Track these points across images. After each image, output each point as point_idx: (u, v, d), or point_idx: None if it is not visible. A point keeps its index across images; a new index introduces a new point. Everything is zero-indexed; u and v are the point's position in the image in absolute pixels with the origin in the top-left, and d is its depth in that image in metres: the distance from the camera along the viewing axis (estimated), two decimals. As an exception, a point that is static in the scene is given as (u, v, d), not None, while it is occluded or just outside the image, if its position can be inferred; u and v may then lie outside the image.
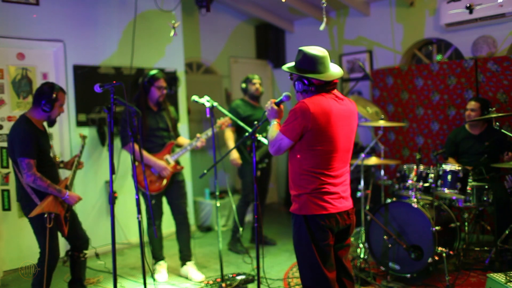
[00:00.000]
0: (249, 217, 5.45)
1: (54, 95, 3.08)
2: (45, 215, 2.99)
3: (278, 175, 6.95)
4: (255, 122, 3.14)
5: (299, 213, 2.33)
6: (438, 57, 5.35)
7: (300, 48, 2.38)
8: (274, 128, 2.43)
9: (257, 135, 3.17)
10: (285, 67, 2.44)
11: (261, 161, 4.54)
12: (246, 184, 4.61)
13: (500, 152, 3.96)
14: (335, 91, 2.38)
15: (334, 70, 2.39)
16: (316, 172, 2.29)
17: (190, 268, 3.90)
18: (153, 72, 3.81)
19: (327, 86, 2.34)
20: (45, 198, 3.02)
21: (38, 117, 3.10)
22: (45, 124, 3.21)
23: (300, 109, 2.24)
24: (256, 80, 4.64)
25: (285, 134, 2.29)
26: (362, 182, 4.02)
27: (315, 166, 2.29)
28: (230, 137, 4.48)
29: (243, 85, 4.68)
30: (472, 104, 4.02)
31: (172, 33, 3.63)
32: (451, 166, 3.68)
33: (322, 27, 3.61)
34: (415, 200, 3.57)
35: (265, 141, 3.60)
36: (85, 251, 3.39)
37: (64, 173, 4.20)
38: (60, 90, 3.16)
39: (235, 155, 4.47)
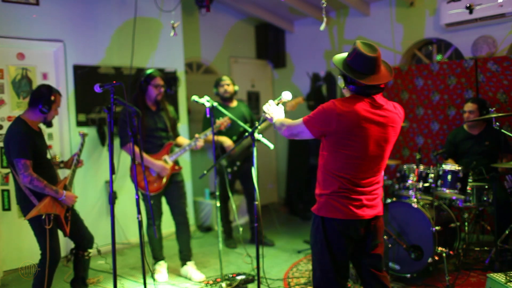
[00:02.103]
0: (247, 218, 5.46)
1: (52, 97, 3.09)
2: (43, 217, 2.98)
3: (278, 175, 6.95)
4: (256, 122, 3.14)
5: (318, 214, 2.29)
6: (438, 57, 5.35)
7: (357, 41, 2.23)
8: (287, 120, 2.45)
9: (256, 135, 3.16)
10: (336, 58, 2.30)
11: (232, 163, 4.55)
12: (219, 186, 4.64)
13: (499, 151, 3.97)
14: (378, 96, 2.23)
15: (382, 74, 2.21)
16: (339, 175, 2.22)
17: (190, 268, 3.90)
18: (150, 71, 3.81)
19: (367, 89, 2.19)
20: (42, 200, 3.01)
21: (33, 118, 3.10)
22: (40, 125, 3.21)
23: (327, 108, 2.17)
24: (223, 81, 4.65)
25: (307, 125, 2.25)
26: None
27: (338, 169, 2.22)
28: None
29: (215, 89, 4.71)
30: (469, 106, 4.02)
31: (172, 33, 3.64)
32: (451, 166, 3.68)
33: (322, 27, 3.61)
34: (415, 200, 3.57)
35: (265, 141, 3.60)
36: (90, 250, 3.40)
37: (63, 173, 4.20)
38: (57, 92, 3.18)
39: (228, 142, 4.45)
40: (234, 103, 4.72)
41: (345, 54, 2.29)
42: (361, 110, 2.16)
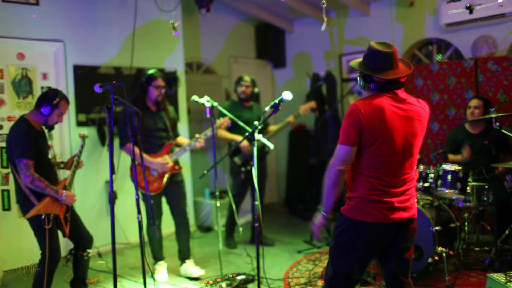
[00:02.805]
0: (248, 217, 5.46)
1: (56, 101, 3.08)
2: (43, 217, 2.98)
3: (278, 175, 6.95)
4: (255, 122, 3.14)
5: (347, 215, 2.21)
6: (438, 57, 5.35)
7: (370, 42, 2.24)
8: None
9: (257, 135, 3.16)
10: (353, 62, 2.28)
11: (246, 163, 4.56)
12: (234, 185, 4.69)
13: (499, 151, 3.97)
14: (400, 91, 2.21)
15: (400, 69, 2.20)
16: (368, 176, 2.17)
17: (189, 265, 3.91)
18: (151, 71, 3.80)
19: (388, 85, 2.18)
20: (42, 199, 3.01)
21: (36, 119, 3.10)
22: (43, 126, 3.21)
23: (351, 111, 2.14)
24: (244, 82, 4.63)
25: (344, 143, 2.13)
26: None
27: (367, 168, 2.17)
28: (225, 133, 4.49)
29: (234, 86, 4.73)
30: (475, 102, 4.01)
31: (174, 32, 3.63)
32: (451, 166, 3.68)
33: (323, 27, 3.61)
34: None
35: (265, 141, 3.60)
36: (89, 250, 3.40)
37: (64, 174, 4.21)
38: (64, 98, 3.15)
39: (243, 142, 4.43)
40: (250, 103, 4.72)
41: (361, 58, 2.29)
42: (384, 105, 2.13)
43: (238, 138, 4.42)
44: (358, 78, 2.25)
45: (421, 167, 3.75)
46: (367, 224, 2.17)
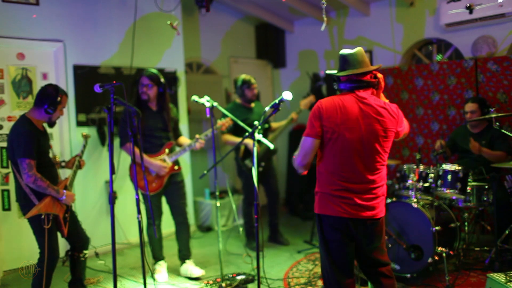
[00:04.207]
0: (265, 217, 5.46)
1: (59, 98, 3.08)
2: (42, 216, 2.98)
3: (278, 175, 6.94)
4: (255, 122, 3.13)
5: (315, 211, 2.37)
6: (438, 57, 5.35)
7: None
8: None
9: (257, 135, 3.16)
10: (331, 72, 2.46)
11: (257, 164, 4.55)
12: (246, 186, 4.65)
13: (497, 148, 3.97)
14: (362, 91, 2.32)
15: (362, 67, 2.35)
16: (330, 172, 2.29)
17: (189, 265, 3.91)
18: (147, 70, 3.82)
19: (351, 84, 2.32)
20: (43, 199, 3.01)
21: (38, 117, 3.10)
22: (45, 124, 3.21)
23: (314, 108, 2.31)
24: (253, 84, 4.60)
25: (306, 135, 2.30)
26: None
27: (330, 165, 2.29)
28: (231, 138, 4.47)
29: (240, 89, 4.58)
30: (470, 106, 4.02)
31: (176, 32, 3.62)
32: (451, 166, 3.68)
33: (322, 27, 3.62)
34: (415, 200, 3.57)
35: (265, 141, 3.60)
36: (85, 251, 3.39)
37: (64, 174, 4.20)
38: (64, 93, 3.17)
39: (252, 143, 4.41)
40: (252, 104, 4.70)
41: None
42: (345, 103, 2.26)
43: (247, 141, 4.35)
44: (334, 82, 2.42)
45: (421, 167, 3.75)
46: (330, 217, 2.29)
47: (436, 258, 3.42)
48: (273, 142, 4.40)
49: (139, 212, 2.68)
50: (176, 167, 3.88)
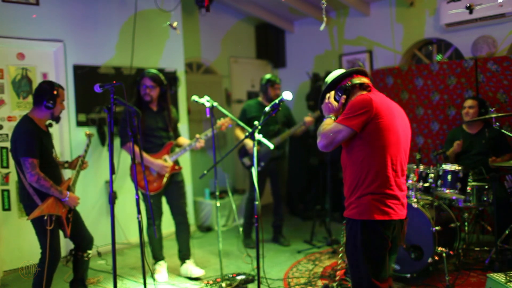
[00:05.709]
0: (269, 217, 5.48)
1: (55, 92, 3.08)
2: (45, 217, 2.98)
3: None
4: (255, 122, 3.13)
5: (361, 218, 2.12)
6: (438, 57, 5.35)
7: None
8: (327, 121, 2.24)
9: (257, 135, 3.16)
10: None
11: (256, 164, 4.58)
12: (252, 184, 4.68)
13: (499, 151, 3.97)
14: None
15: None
16: (377, 171, 2.11)
17: (189, 265, 3.91)
18: (148, 70, 3.82)
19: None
20: (46, 200, 3.01)
21: (40, 116, 3.09)
22: (47, 124, 3.20)
23: (363, 98, 2.14)
24: (279, 85, 4.69)
25: (345, 123, 2.10)
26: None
27: (375, 164, 2.11)
28: (241, 134, 4.57)
29: (264, 86, 4.63)
30: (469, 102, 4.07)
31: (177, 31, 3.61)
32: (451, 166, 3.68)
33: (322, 27, 3.61)
34: (415, 200, 3.57)
35: (265, 141, 3.60)
36: (89, 251, 3.39)
37: (67, 174, 4.20)
38: (59, 86, 3.17)
39: (250, 144, 4.45)
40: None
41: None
42: (384, 98, 2.24)
43: (248, 141, 4.42)
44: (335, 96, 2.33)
45: (421, 167, 3.75)
46: (382, 222, 2.11)
47: (436, 258, 3.42)
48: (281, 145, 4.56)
49: (139, 212, 2.68)
50: (177, 167, 3.88)
